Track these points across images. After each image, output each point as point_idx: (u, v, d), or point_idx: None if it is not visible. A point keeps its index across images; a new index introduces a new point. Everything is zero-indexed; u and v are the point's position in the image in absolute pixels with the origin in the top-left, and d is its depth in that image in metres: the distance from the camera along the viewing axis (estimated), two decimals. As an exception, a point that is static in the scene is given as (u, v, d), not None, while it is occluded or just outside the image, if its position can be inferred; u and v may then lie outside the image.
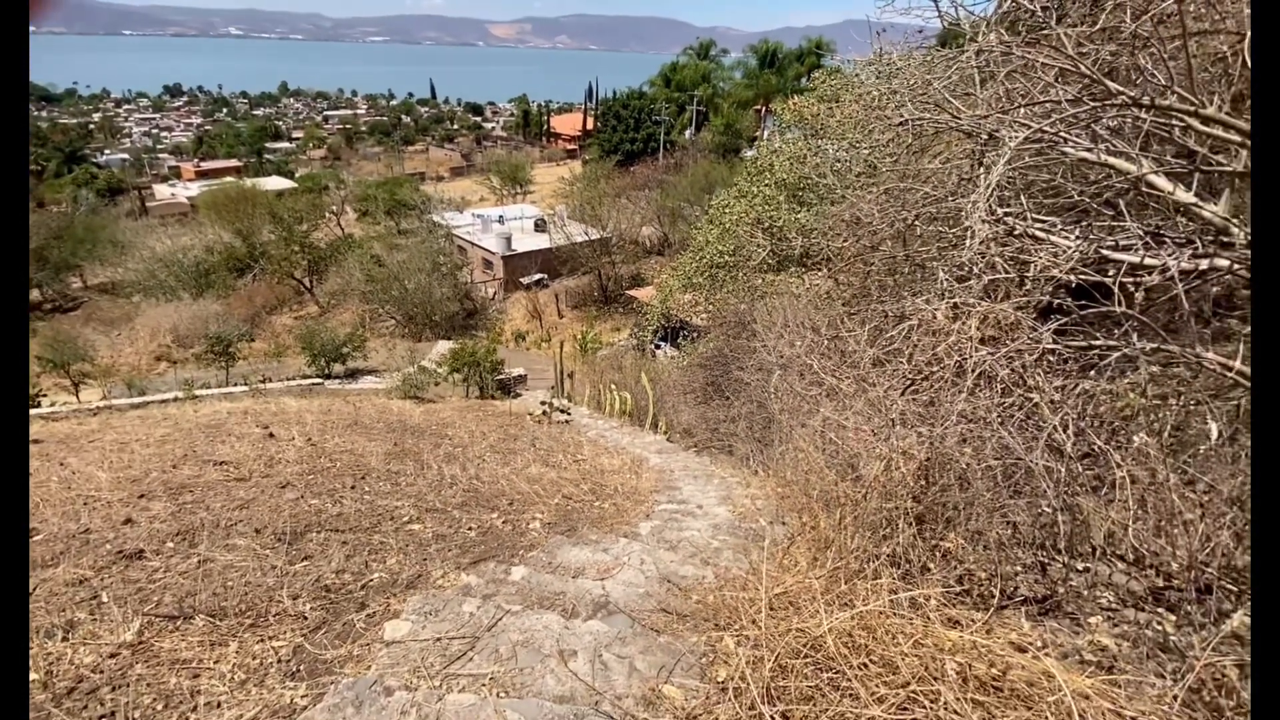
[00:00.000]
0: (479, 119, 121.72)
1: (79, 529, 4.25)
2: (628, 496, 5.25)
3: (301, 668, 2.25)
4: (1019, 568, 2.69)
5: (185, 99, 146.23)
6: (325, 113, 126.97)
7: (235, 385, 13.44)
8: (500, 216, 33.18)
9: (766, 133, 30.26)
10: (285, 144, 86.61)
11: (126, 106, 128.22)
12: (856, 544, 2.51)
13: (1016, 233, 3.49)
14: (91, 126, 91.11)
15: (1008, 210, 3.61)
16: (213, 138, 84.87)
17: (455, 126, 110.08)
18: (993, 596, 2.36)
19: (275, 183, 46.58)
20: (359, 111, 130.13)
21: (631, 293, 24.47)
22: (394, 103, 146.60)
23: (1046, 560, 2.81)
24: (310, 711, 1.87)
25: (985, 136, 3.87)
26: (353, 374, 15.05)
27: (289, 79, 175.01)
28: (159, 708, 2.09)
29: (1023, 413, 2.87)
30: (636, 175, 42.71)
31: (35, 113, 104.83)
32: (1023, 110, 3.49)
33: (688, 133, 52.84)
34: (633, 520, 4.41)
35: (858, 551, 2.49)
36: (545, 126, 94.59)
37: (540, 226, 31.29)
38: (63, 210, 36.49)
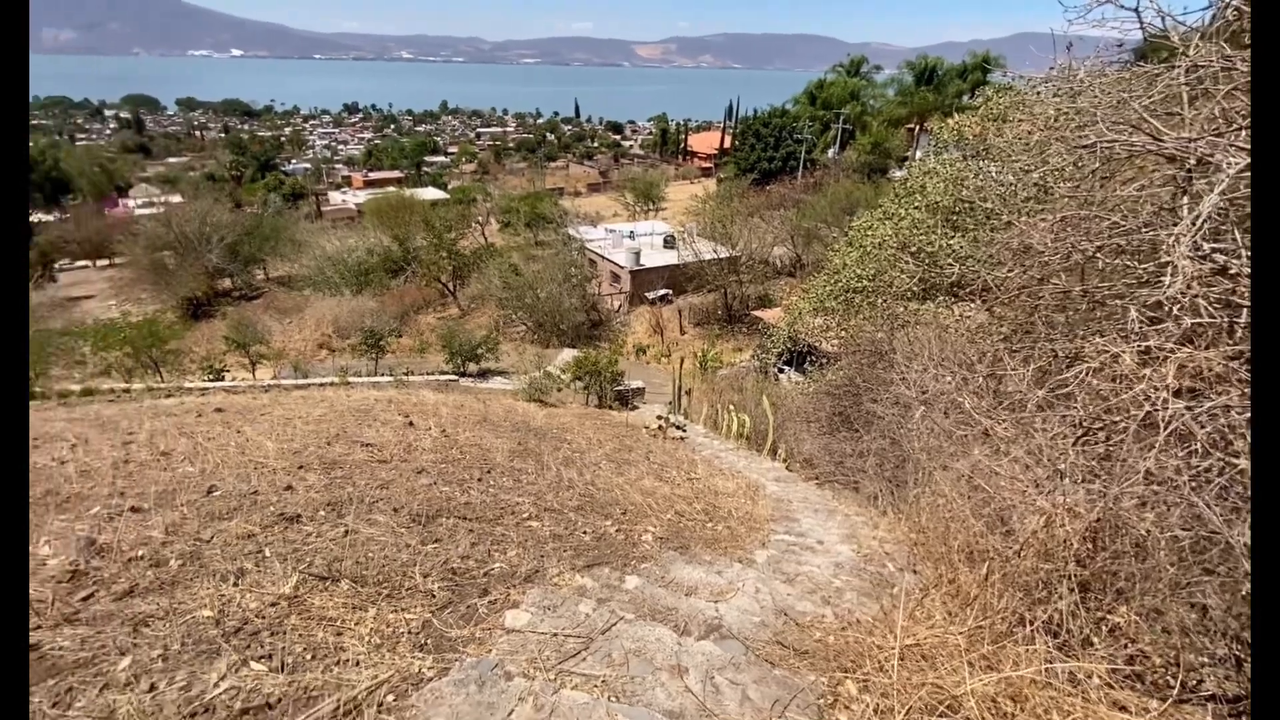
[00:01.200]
0: (618, 137, 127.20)
1: (249, 490, 4.91)
2: (742, 522, 5.16)
3: (429, 641, 2.45)
4: (1205, 658, 2.31)
5: (360, 115, 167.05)
6: (478, 130, 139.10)
7: (382, 375, 15.00)
8: (631, 232, 34.30)
9: (919, 153, 28.71)
10: (441, 158, 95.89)
11: (312, 121, 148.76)
12: (1004, 604, 2.29)
13: (1230, 272, 3.05)
14: (283, 139, 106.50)
15: (1218, 246, 3.16)
16: (380, 151, 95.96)
17: (595, 144, 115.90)
18: (1170, 686, 2.05)
19: (430, 193, 51.66)
20: (508, 129, 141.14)
21: (757, 313, 24.18)
22: (540, 121, 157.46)
23: (1242, 656, 2.38)
24: (437, 683, 2.03)
25: (1194, 161, 3.43)
26: (484, 373, 16.21)
27: (449, 98, 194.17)
28: (307, 657, 2.36)
29: (1224, 479, 2.48)
30: (772, 194, 42.29)
31: (239, 126, 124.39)
32: (1244, 134, 3.06)
33: (830, 151, 51.56)
34: (747, 546, 4.34)
35: (1005, 612, 2.27)
36: (682, 144, 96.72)
37: (669, 243, 31.93)
38: (254, 211, 42.76)
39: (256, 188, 57.66)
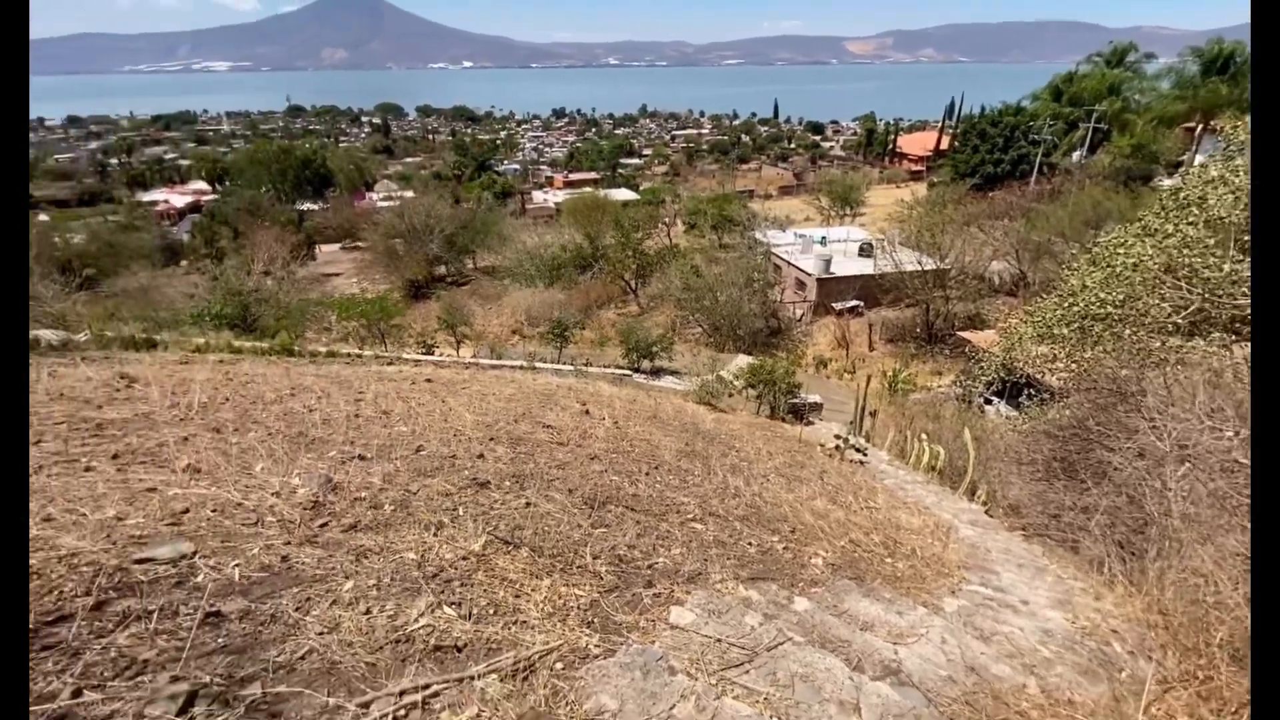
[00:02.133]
0: (817, 138, 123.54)
1: (449, 453, 5.56)
2: (928, 563, 4.72)
3: (596, 620, 2.58)
4: None
5: (566, 120, 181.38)
6: (673, 132, 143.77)
7: (564, 364, 16.17)
8: (823, 238, 33.09)
9: (1200, 157, 23.99)
10: (636, 160, 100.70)
11: (524, 125, 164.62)
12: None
13: None
14: (498, 142, 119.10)
15: None
16: (580, 153, 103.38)
17: (792, 145, 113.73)
18: None
19: (622, 194, 54.53)
20: (703, 131, 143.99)
21: (964, 335, 21.94)
22: (736, 122, 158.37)
23: None
24: (603, 661, 2.13)
25: None
26: (657, 372, 16.73)
27: (650, 102, 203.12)
28: (490, 612, 2.62)
29: None
30: (995, 201, 38.16)
31: (464, 130, 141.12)
32: None
33: (1075, 154, 45.13)
34: (934, 591, 3.96)
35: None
36: (890, 146, 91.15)
37: (865, 251, 30.24)
38: (470, 207, 48.40)
39: (473, 186, 65.31)
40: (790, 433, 9.93)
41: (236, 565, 2.58)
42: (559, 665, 2.13)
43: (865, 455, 8.77)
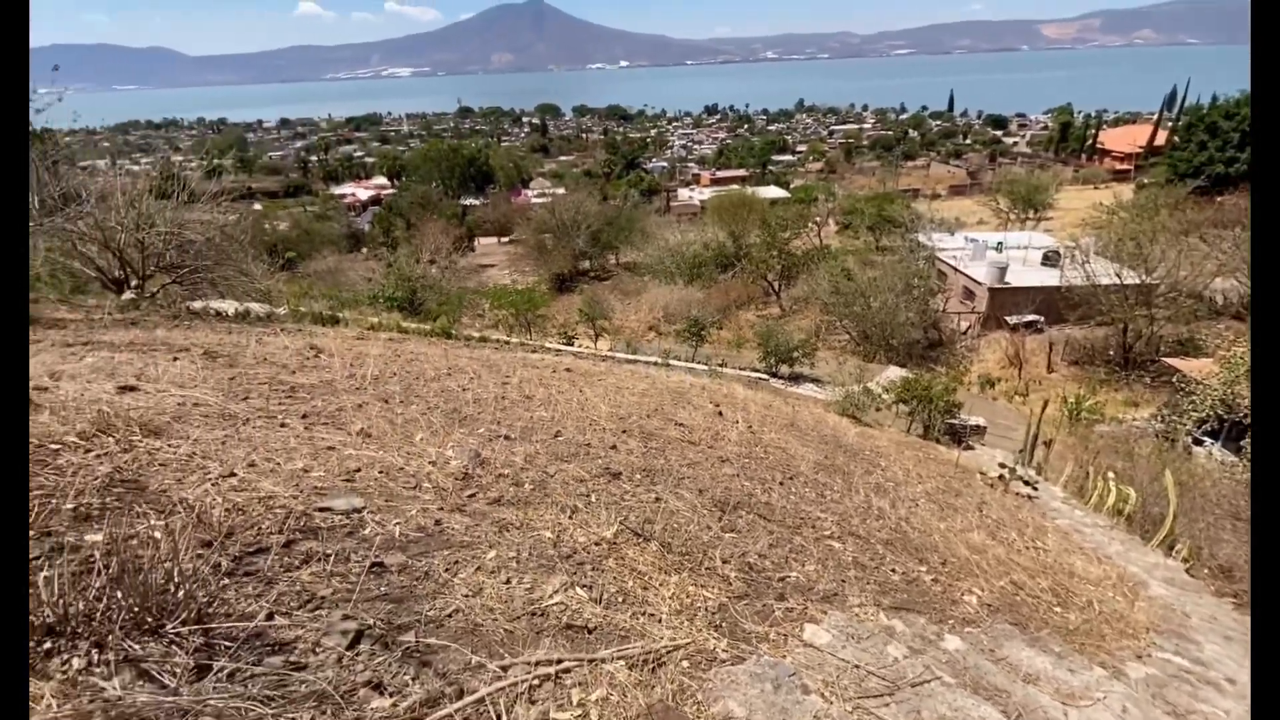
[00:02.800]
0: (999, 133, 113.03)
1: (584, 441, 5.78)
2: (1108, 620, 4.16)
3: (724, 624, 2.56)
4: None
5: (718, 117, 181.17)
6: (831, 127, 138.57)
7: (698, 363, 16.21)
8: (999, 243, 30.24)
9: None
10: (789, 156, 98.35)
11: (675, 123, 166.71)
12: None
13: None
14: (648, 139, 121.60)
15: None
16: (730, 150, 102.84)
17: (968, 141, 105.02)
18: None
19: (771, 191, 53.53)
20: (864, 126, 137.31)
21: (1172, 362, 19.01)
22: (902, 116, 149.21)
23: None
24: (732, 668, 2.11)
25: None
26: (795, 378, 16.25)
27: (809, 96, 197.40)
28: (619, 599, 2.68)
29: None
30: (1224, 207, 32.76)
31: (615, 128, 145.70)
32: None
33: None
34: (1115, 652, 3.48)
35: None
36: (1089, 141, 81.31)
37: (1050, 259, 27.21)
38: (616, 204, 49.97)
39: (621, 184, 67.43)
40: (945, 456, 9.20)
41: (397, 523, 2.87)
42: (685, 663, 2.13)
43: (1035, 489, 7.91)
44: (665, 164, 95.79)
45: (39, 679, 1.19)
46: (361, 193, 74.14)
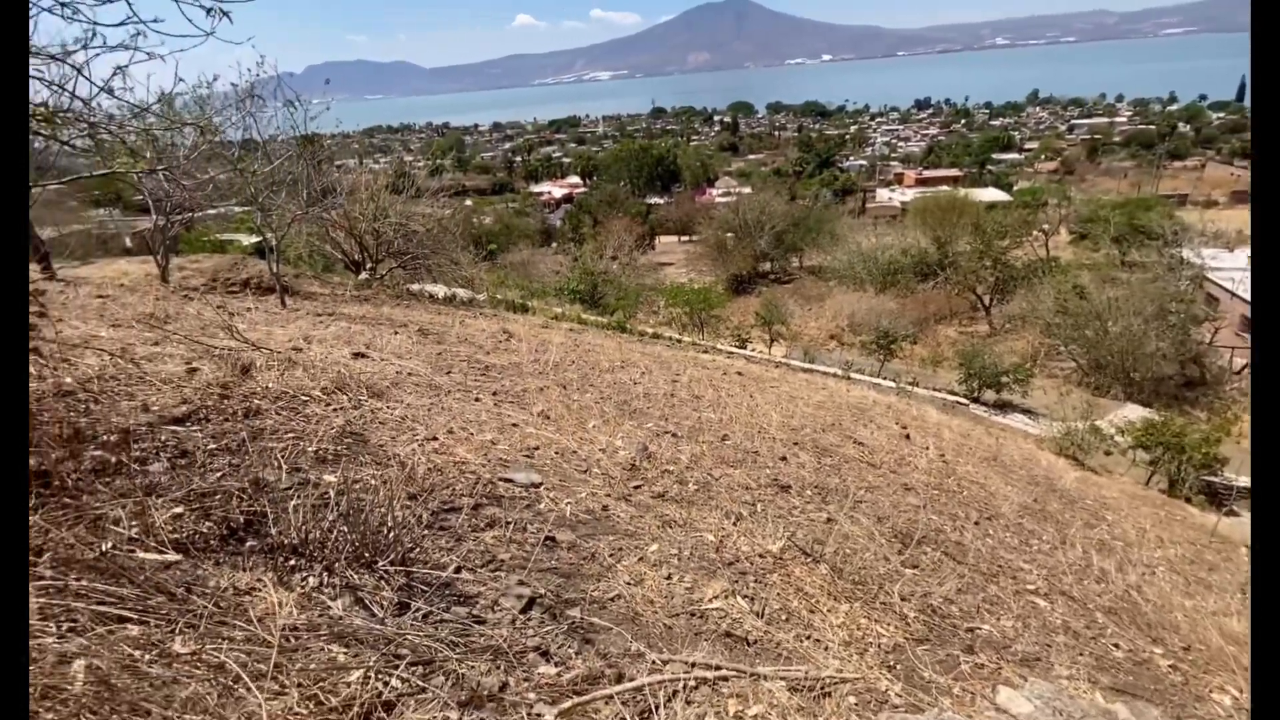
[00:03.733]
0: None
1: (752, 448, 5.71)
2: None
3: (899, 666, 2.37)
4: None
5: (930, 111, 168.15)
6: (1072, 121, 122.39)
7: (884, 379, 15.23)
8: (1294, 264, 24.74)
9: None
10: (1013, 155, 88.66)
11: (879, 119, 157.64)
12: None
13: None
14: (846, 137, 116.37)
15: None
16: (942, 148, 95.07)
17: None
18: None
19: (988, 194, 48.66)
20: (1117, 120, 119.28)
21: None
22: (1171, 108, 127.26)
23: None
24: (906, 716, 1.95)
25: None
26: (1002, 406, 14.63)
27: (1043, 86, 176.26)
28: (782, 617, 2.61)
29: None
30: None
31: (811, 125, 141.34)
32: None
33: None
34: None
35: None
36: None
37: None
38: (805, 204, 48.51)
39: (812, 183, 65.47)
40: (1198, 520, 7.73)
41: (568, 503, 3.05)
42: (852, 699, 2.01)
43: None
44: (864, 162, 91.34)
45: (283, 590, 1.46)
46: (556, 191, 79.96)
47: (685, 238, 51.54)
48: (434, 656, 1.45)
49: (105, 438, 1.87)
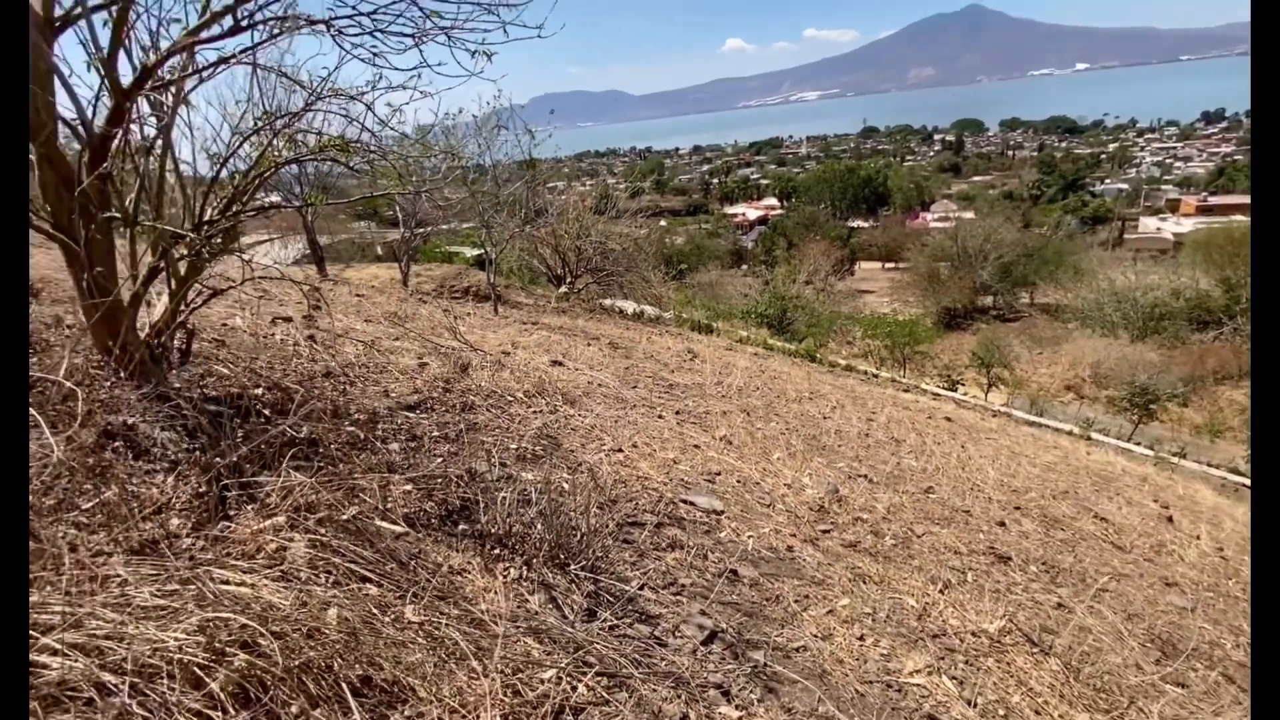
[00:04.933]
0: None
1: (962, 506, 5.17)
2: None
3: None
4: None
5: (1223, 125, 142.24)
6: None
7: (1137, 444, 13.09)
8: None
9: None
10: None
11: (1148, 135, 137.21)
12: None
13: None
14: (1103, 156, 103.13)
15: None
16: (1238, 169, 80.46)
17: None
18: None
19: (1298, 227, 40.18)
20: None
21: None
22: None
23: None
24: None
25: None
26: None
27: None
28: (1000, 713, 2.30)
29: None
30: None
31: (1056, 144, 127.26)
32: None
33: None
34: None
35: None
36: None
37: None
38: (1042, 233, 43.67)
39: (1054, 209, 58.91)
40: None
41: (750, 536, 2.98)
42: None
43: None
44: (1125, 186, 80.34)
45: (490, 576, 1.60)
46: (751, 212, 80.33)
47: (890, 264, 48.99)
48: (618, 671, 1.48)
49: (357, 416, 2.21)
